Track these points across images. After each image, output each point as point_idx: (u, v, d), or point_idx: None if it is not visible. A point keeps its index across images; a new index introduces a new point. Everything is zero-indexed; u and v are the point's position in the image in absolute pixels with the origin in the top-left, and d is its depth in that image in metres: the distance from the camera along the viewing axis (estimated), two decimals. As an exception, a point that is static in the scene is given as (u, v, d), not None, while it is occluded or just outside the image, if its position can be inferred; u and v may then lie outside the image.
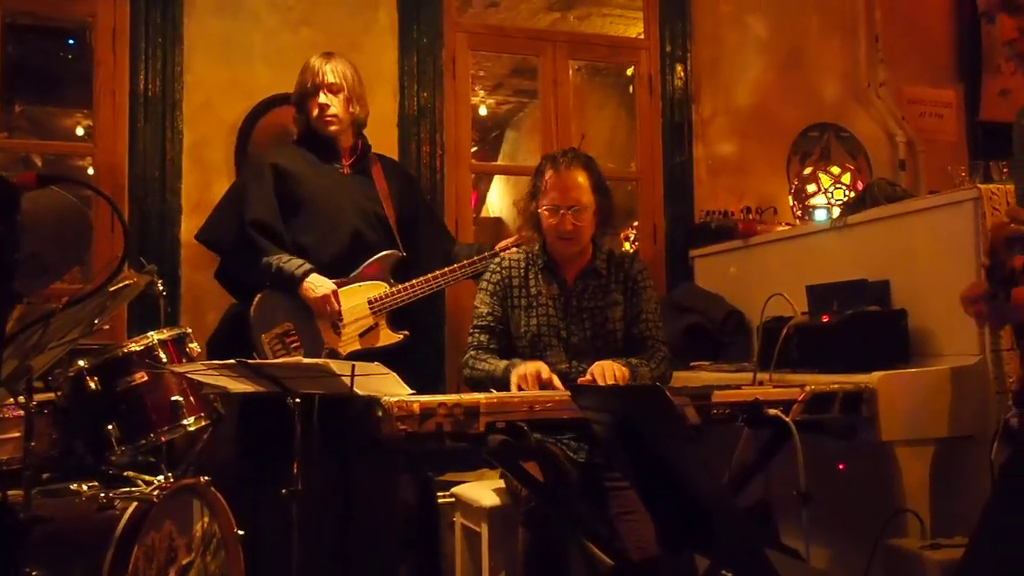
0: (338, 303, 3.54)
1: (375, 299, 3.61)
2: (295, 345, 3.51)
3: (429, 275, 3.67)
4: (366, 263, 3.65)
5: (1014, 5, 1.98)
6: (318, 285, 3.52)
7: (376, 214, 3.75)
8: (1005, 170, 3.34)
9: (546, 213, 3.31)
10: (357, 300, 3.59)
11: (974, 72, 5.62)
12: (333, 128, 3.71)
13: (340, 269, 3.61)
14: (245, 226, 3.60)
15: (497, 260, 3.47)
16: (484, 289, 3.41)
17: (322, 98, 3.68)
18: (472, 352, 3.34)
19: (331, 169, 3.75)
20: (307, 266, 3.53)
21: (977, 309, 1.93)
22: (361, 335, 3.60)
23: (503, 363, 3.22)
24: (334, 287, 3.54)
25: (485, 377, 3.23)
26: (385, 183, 3.81)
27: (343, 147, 3.77)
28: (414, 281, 3.65)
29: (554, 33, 5.66)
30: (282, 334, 3.50)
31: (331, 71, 3.69)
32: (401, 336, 3.65)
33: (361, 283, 3.62)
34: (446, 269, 3.70)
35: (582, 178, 3.31)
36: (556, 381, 3.07)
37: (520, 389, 3.02)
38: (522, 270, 3.41)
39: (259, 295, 3.55)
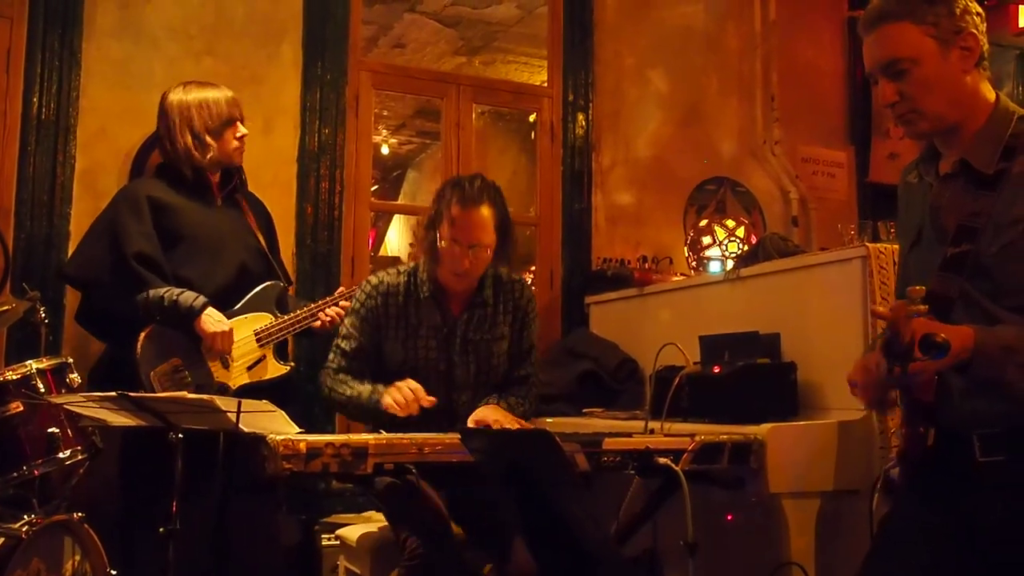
0: (232, 340, 3.43)
1: (261, 330, 3.51)
2: (187, 381, 3.37)
3: (312, 304, 3.61)
4: (250, 294, 3.55)
5: (894, 70, 2.06)
6: (217, 319, 3.38)
7: (255, 246, 3.66)
8: (892, 230, 3.45)
9: (444, 245, 3.19)
10: (244, 332, 3.48)
11: (864, 135, 5.82)
12: (239, 158, 3.64)
13: (225, 301, 3.47)
14: (126, 260, 3.38)
15: (374, 283, 3.35)
16: (356, 312, 3.31)
17: (242, 129, 3.60)
18: (332, 373, 3.28)
19: (205, 202, 3.60)
20: (203, 299, 3.36)
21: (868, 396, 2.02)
22: (249, 368, 3.49)
23: (367, 388, 3.17)
24: (230, 324, 3.42)
25: (347, 402, 3.19)
26: (252, 216, 3.73)
27: (212, 181, 3.62)
28: (298, 311, 3.58)
29: (459, 76, 5.68)
30: (171, 370, 3.35)
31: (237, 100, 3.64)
32: (288, 368, 3.57)
33: (246, 315, 3.52)
34: (333, 296, 3.65)
35: (488, 215, 3.18)
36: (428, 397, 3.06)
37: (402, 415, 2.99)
38: (401, 297, 3.30)
39: (144, 332, 3.34)
